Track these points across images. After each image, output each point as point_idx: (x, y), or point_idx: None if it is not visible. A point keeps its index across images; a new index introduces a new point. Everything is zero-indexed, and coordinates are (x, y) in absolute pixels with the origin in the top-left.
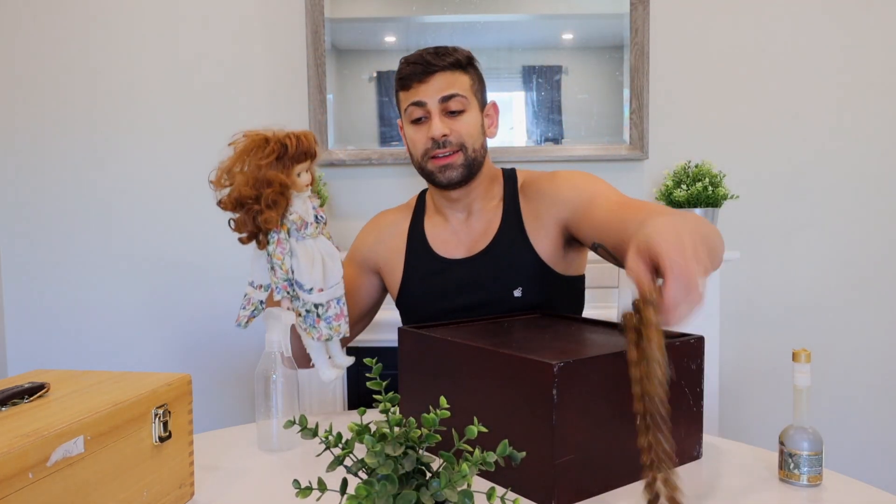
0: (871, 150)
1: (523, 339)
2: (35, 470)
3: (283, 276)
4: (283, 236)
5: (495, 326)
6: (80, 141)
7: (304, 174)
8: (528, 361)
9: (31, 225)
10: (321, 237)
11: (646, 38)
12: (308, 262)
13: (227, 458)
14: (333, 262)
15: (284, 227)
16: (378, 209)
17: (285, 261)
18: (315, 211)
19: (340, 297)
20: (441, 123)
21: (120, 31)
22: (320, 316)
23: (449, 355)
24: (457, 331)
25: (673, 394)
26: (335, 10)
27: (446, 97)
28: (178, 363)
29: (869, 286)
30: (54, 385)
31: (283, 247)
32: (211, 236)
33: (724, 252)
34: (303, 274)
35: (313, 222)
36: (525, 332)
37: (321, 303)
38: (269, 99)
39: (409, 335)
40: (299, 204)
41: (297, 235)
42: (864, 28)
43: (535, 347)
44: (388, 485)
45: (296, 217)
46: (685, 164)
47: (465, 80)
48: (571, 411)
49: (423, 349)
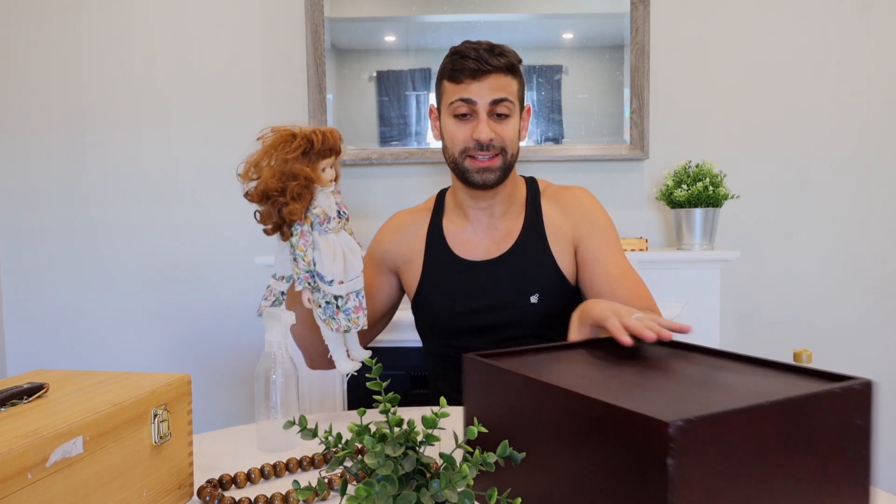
0: (871, 150)
1: (624, 378)
2: (34, 470)
3: (304, 267)
4: (306, 229)
5: (588, 356)
6: (80, 140)
7: (328, 170)
8: (631, 416)
9: (30, 225)
10: (343, 232)
11: (646, 38)
12: (329, 254)
13: (226, 458)
14: (354, 257)
15: (308, 220)
16: (378, 209)
17: (308, 253)
18: (338, 206)
19: (360, 290)
20: (488, 127)
21: (120, 31)
22: (339, 308)
23: (524, 395)
24: (535, 361)
25: (833, 460)
26: (335, 10)
27: (497, 100)
28: (178, 363)
29: (869, 286)
30: (53, 385)
31: (305, 239)
32: (211, 236)
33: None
34: (324, 266)
35: (336, 217)
36: (626, 368)
37: (341, 295)
38: (269, 99)
39: (477, 366)
40: (323, 198)
41: (320, 229)
42: (864, 28)
43: (641, 393)
44: (388, 485)
45: (319, 211)
46: (686, 164)
47: (514, 85)
48: (696, 490)
49: (493, 383)
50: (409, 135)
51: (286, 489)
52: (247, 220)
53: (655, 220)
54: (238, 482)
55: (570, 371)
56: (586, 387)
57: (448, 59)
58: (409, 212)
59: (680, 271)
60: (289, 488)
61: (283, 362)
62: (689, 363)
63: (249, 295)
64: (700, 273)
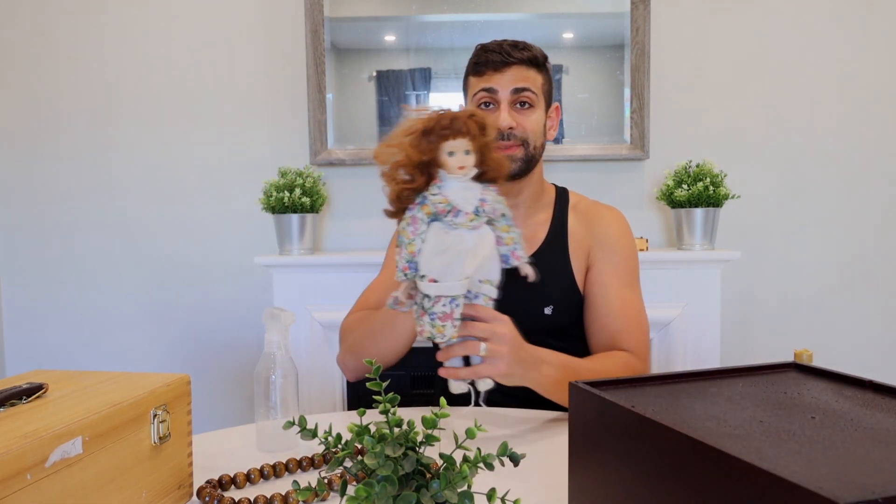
0: (872, 150)
1: (775, 426)
2: (33, 471)
3: (406, 255)
4: (419, 215)
5: (728, 389)
6: (80, 140)
7: (458, 154)
8: (785, 486)
9: (29, 225)
10: (478, 233)
11: (646, 38)
12: (432, 247)
13: (226, 458)
14: (465, 259)
15: (426, 207)
16: (378, 209)
17: (414, 241)
18: (481, 203)
19: (456, 297)
20: (509, 116)
21: (119, 31)
22: (426, 309)
23: (642, 436)
24: (655, 394)
25: None
26: (335, 10)
27: (518, 89)
28: (178, 363)
29: (870, 286)
30: (53, 386)
31: (415, 226)
32: (211, 236)
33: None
34: (422, 257)
35: (470, 212)
36: (780, 413)
37: (429, 295)
38: (269, 98)
39: (586, 396)
40: (453, 186)
41: (444, 220)
42: (865, 27)
43: (799, 451)
44: (388, 486)
45: (440, 199)
46: (686, 164)
47: (538, 77)
48: None
49: (604, 418)
50: None
51: (286, 490)
52: (246, 220)
53: (656, 220)
54: (237, 482)
55: (703, 411)
56: (724, 435)
57: (473, 55)
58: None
59: (680, 271)
60: (288, 489)
61: (282, 362)
62: (878, 412)
63: (249, 295)
64: (700, 273)
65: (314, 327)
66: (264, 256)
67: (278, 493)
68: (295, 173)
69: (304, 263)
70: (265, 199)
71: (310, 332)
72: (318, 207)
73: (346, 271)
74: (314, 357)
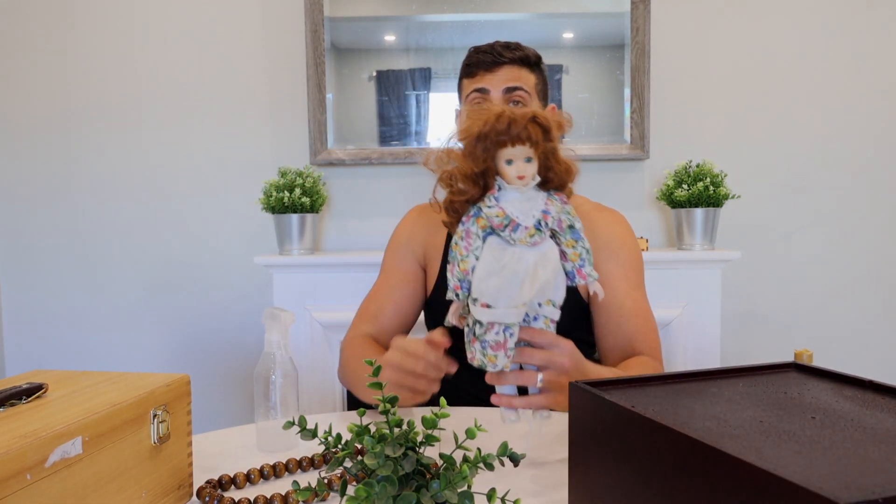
0: (872, 150)
1: (775, 426)
2: (33, 471)
3: (458, 274)
4: (473, 229)
5: (726, 389)
6: (80, 140)
7: (517, 163)
8: (785, 486)
9: (29, 225)
10: (540, 250)
11: (647, 37)
12: (486, 266)
13: (226, 459)
14: (523, 282)
15: (481, 220)
16: (378, 209)
17: (468, 258)
18: (543, 216)
19: (511, 325)
20: None
21: (117, 31)
22: (477, 336)
23: (642, 437)
24: (654, 394)
25: None
26: (334, 9)
27: (510, 88)
28: (178, 363)
29: (870, 286)
30: (52, 386)
31: (468, 241)
32: (211, 236)
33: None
34: (475, 277)
35: (530, 227)
36: (779, 412)
37: (481, 321)
38: (269, 98)
39: (586, 396)
40: (510, 198)
41: (502, 235)
42: (865, 27)
43: (798, 451)
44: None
45: (497, 212)
46: (686, 164)
47: (531, 77)
48: None
49: (603, 417)
50: (409, 134)
51: (286, 490)
52: (246, 220)
53: (656, 220)
54: (237, 483)
55: (703, 411)
56: (724, 435)
57: (466, 57)
58: (428, 205)
59: (680, 271)
60: (288, 489)
61: (282, 363)
62: (878, 412)
63: (249, 295)
64: (701, 273)
65: (314, 327)
66: (264, 256)
67: (278, 493)
68: (295, 173)
69: (303, 263)
70: (265, 199)
71: (310, 332)
72: (318, 207)
73: (346, 271)
74: (314, 357)
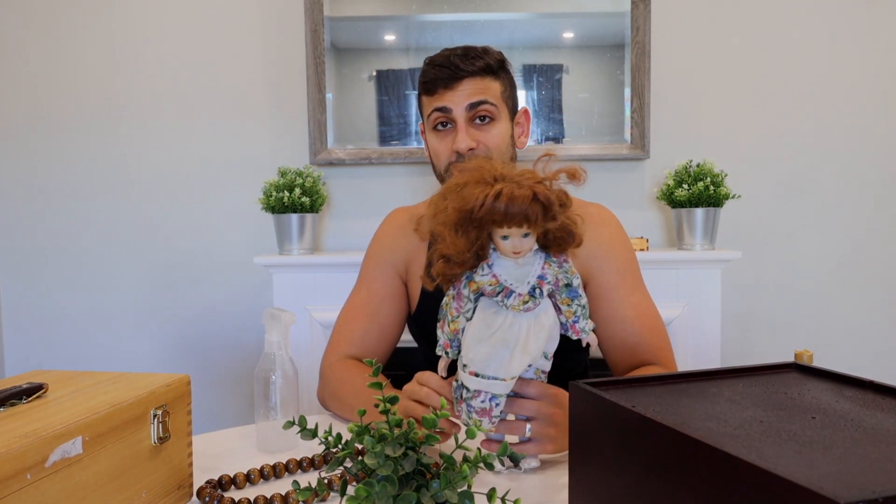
0: (872, 150)
1: (776, 426)
2: (33, 471)
3: (448, 333)
4: (465, 292)
5: (727, 389)
6: (80, 140)
7: (514, 239)
8: (786, 486)
9: (29, 225)
10: (534, 314)
11: (647, 37)
12: (476, 332)
13: (226, 459)
14: (513, 354)
15: (473, 283)
16: (378, 209)
17: (458, 319)
18: (539, 282)
19: (497, 396)
20: (467, 135)
21: (119, 31)
22: (463, 398)
23: (642, 437)
24: (654, 394)
25: None
26: (334, 9)
27: (474, 104)
28: (178, 364)
29: (871, 286)
30: (53, 386)
31: (459, 303)
32: (210, 236)
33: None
34: (464, 341)
35: (524, 294)
36: (780, 413)
37: (468, 387)
38: (269, 98)
39: (586, 396)
40: (505, 265)
41: (494, 300)
42: (865, 27)
43: (799, 451)
44: (388, 486)
45: (490, 280)
46: (686, 164)
47: (495, 86)
48: None
49: (603, 417)
50: (409, 134)
51: (286, 490)
52: (246, 220)
53: (656, 220)
54: (237, 483)
55: (704, 411)
56: (724, 435)
57: (421, 71)
58: (407, 210)
59: (681, 271)
60: (288, 489)
61: (282, 363)
62: (879, 412)
63: (249, 295)
64: (701, 273)
65: (314, 327)
66: (264, 256)
67: (278, 493)
68: (295, 173)
69: (303, 263)
70: (265, 198)
71: (310, 332)
72: (318, 207)
73: (346, 271)
74: (314, 357)
